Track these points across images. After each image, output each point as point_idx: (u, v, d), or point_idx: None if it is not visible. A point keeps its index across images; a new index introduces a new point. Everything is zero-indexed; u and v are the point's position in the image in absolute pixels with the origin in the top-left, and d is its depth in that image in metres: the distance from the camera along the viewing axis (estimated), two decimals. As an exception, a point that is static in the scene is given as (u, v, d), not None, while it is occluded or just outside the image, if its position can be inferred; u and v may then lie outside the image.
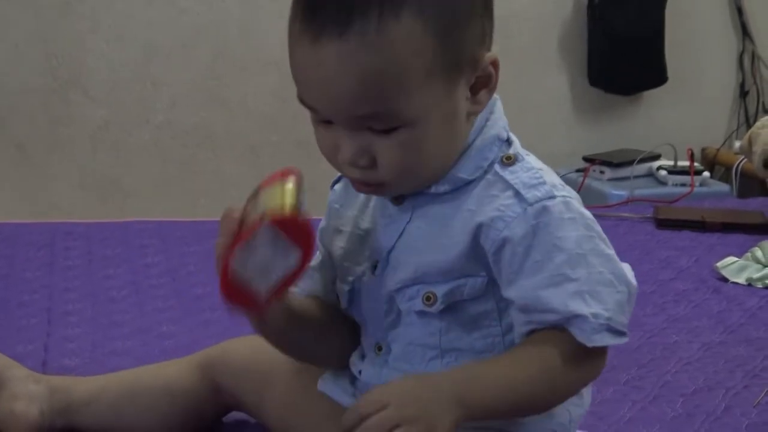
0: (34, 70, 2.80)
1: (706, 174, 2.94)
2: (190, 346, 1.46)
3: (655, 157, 2.97)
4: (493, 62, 0.96)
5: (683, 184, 2.83)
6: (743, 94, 3.28)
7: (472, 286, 0.97)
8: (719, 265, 1.96)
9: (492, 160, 0.99)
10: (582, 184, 2.82)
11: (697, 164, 2.92)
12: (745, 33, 3.24)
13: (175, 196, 2.93)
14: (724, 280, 1.92)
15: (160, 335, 1.62)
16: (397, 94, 0.90)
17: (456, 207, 0.98)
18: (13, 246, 2.05)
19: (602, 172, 2.93)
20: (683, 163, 2.88)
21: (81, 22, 2.81)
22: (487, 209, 0.96)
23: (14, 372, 1.25)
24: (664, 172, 2.89)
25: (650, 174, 2.94)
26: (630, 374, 1.47)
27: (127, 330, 1.64)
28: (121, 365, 1.40)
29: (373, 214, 1.04)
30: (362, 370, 1.06)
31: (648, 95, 3.23)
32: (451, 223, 0.97)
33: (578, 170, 2.95)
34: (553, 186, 0.96)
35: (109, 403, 1.24)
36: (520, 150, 1.00)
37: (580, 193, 2.69)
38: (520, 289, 0.94)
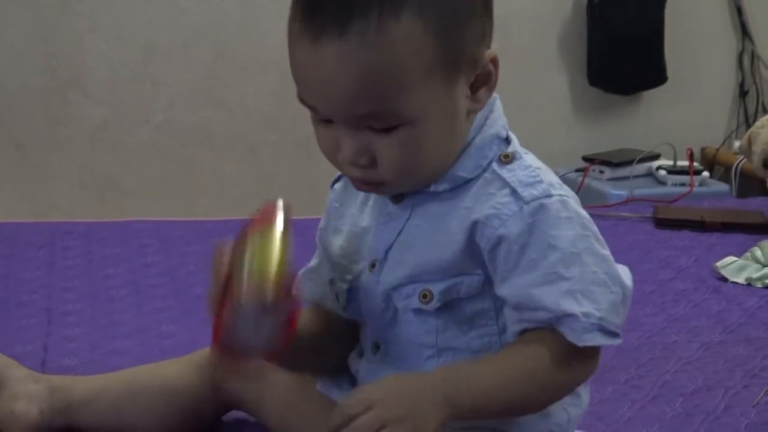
0: (33, 70, 2.80)
1: (706, 174, 2.93)
2: (190, 346, 1.46)
3: (655, 157, 2.97)
4: (493, 60, 0.96)
5: (683, 184, 2.82)
6: (743, 93, 3.28)
7: (469, 284, 0.97)
8: (719, 264, 1.95)
9: (491, 158, 0.99)
10: (581, 184, 2.82)
11: (696, 164, 2.92)
12: (744, 33, 3.24)
13: (175, 196, 2.92)
14: (724, 279, 1.91)
15: (159, 335, 1.61)
16: (397, 94, 0.90)
17: (454, 205, 0.98)
18: (13, 246, 2.05)
19: (602, 172, 2.92)
20: (683, 163, 2.88)
21: (80, 22, 2.81)
22: (484, 207, 0.96)
23: (14, 372, 1.25)
24: (663, 172, 2.89)
25: (650, 174, 2.94)
26: (629, 374, 1.47)
27: (127, 329, 1.64)
28: (121, 365, 1.40)
29: (372, 212, 1.04)
30: (359, 368, 1.06)
31: (647, 95, 3.22)
32: (449, 221, 0.97)
33: (578, 170, 2.95)
34: (550, 185, 0.96)
35: (109, 403, 1.24)
36: (519, 149, 1.00)
37: (579, 192, 2.69)
38: (513, 287, 0.94)
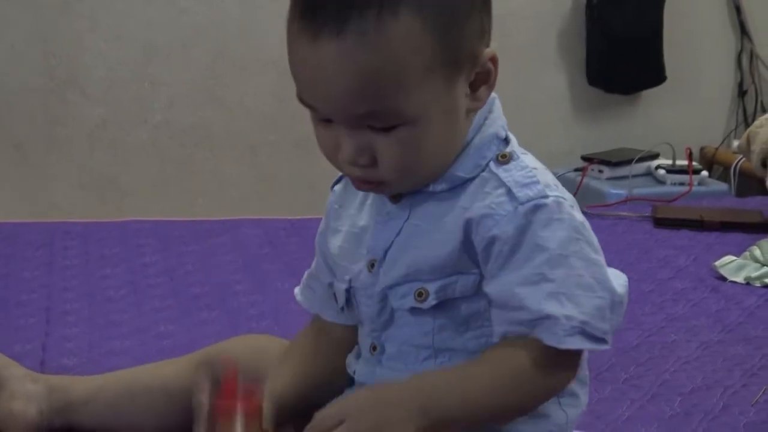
0: (33, 70, 2.80)
1: (705, 173, 2.93)
2: (188, 346, 1.46)
3: (654, 157, 2.97)
4: (492, 58, 0.96)
5: (682, 183, 2.82)
6: (742, 93, 3.28)
7: (464, 283, 0.97)
8: (718, 264, 1.96)
9: (490, 158, 0.98)
10: (580, 184, 2.82)
11: (695, 163, 2.92)
12: (743, 32, 3.24)
13: (173, 196, 2.92)
14: (723, 279, 1.92)
15: (157, 335, 1.61)
16: (397, 92, 0.90)
17: (452, 205, 0.98)
18: (12, 246, 2.05)
19: (601, 171, 2.92)
20: (682, 162, 2.88)
21: (79, 22, 2.80)
22: (479, 205, 0.96)
23: (12, 371, 1.25)
24: (662, 172, 2.89)
25: (649, 173, 2.94)
26: (628, 373, 1.47)
27: (125, 329, 1.64)
28: (119, 365, 1.40)
29: (371, 211, 1.04)
30: (357, 369, 1.06)
31: (646, 94, 3.22)
32: (447, 221, 0.97)
33: (577, 169, 2.94)
34: (546, 186, 0.95)
35: (108, 403, 1.24)
36: (517, 149, 1.00)
37: (578, 192, 2.70)
38: (499, 284, 0.94)
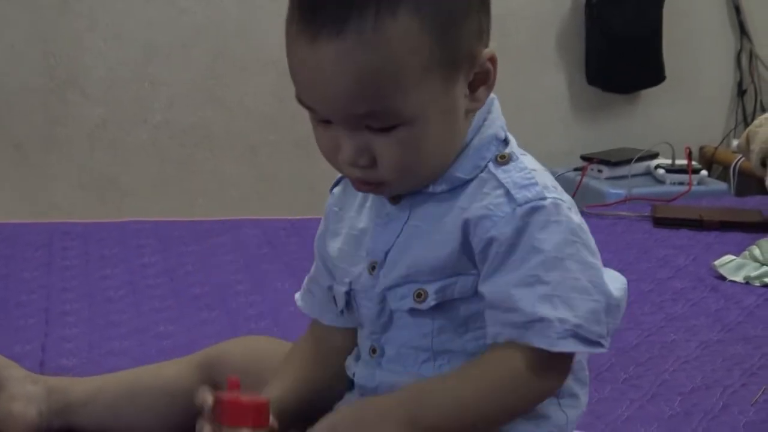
0: (32, 70, 2.80)
1: (704, 172, 2.93)
2: (188, 346, 1.46)
3: (653, 156, 2.97)
4: (491, 59, 0.96)
5: (681, 183, 2.82)
6: (741, 92, 3.27)
7: (463, 284, 0.97)
8: (717, 263, 1.96)
9: (489, 159, 0.98)
10: (580, 183, 2.82)
11: (695, 163, 2.92)
12: (742, 32, 3.24)
13: (173, 196, 2.92)
14: (722, 278, 1.92)
15: (157, 335, 1.61)
16: (395, 92, 0.90)
17: (452, 206, 0.98)
18: (11, 246, 2.05)
19: (600, 171, 2.92)
20: (681, 162, 2.88)
21: (79, 21, 2.80)
22: (477, 206, 0.96)
23: (12, 372, 1.25)
24: (662, 171, 2.88)
25: (648, 173, 2.94)
26: (628, 373, 1.47)
27: (125, 330, 1.64)
28: (119, 365, 1.40)
29: (370, 213, 1.04)
30: (356, 372, 1.05)
31: (646, 94, 3.22)
32: (445, 221, 0.97)
33: (576, 169, 2.94)
34: (545, 187, 0.95)
35: (107, 404, 1.24)
36: (517, 150, 1.00)
37: (577, 191, 2.70)
38: (494, 285, 0.94)
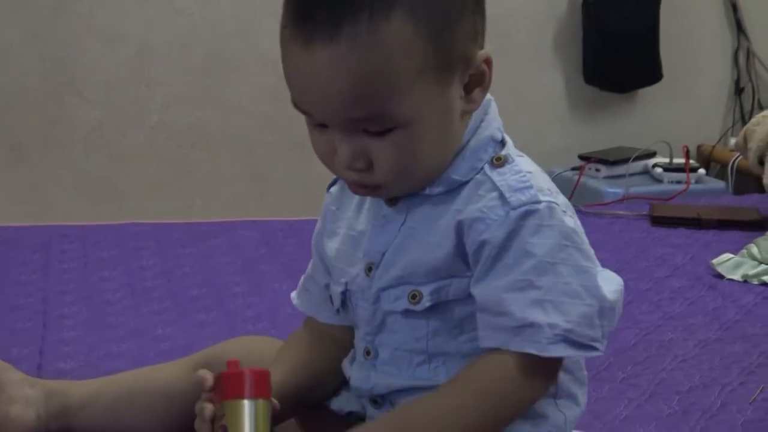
0: (29, 72, 2.79)
1: (702, 171, 2.93)
2: (186, 348, 1.46)
3: (651, 155, 2.97)
4: (486, 60, 0.96)
5: (679, 182, 2.83)
6: (738, 91, 3.28)
7: (458, 286, 0.97)
8: (715, 262, 1.96)
9: (485, 161, 0.98)
10: (577, 183, 2.82)
11: (692, 161, 2.92)
12: (740, 30, 3.24)
13: (170, 197, 2.92)
14: (720, 277, 1.92)
15: (155, 338, 1.61)
16: (390, 96, 0.90)
17: (447, 208, 0.98)
18: (8, 249, 2.04)
19: (598, 170, 2.92)
20: (679, 161, 2.88)
21: (76, 23, 2.80)
22: (471, 208, 0.96)
23: (9, 376, 1.25)
24: (659, 170, 2.89)
25: (646, 171, 2.94)
26: (626, 372, 1.47)
27: (123, 332, 1.64)
28: (117, 368, 1.40)
29: (368, 215, 1.04)
30: (351, 374, 1.05)
31: (643, 93, 3.22)
32: (440, 223, 0.97)
33: (574, 168, 2.94)
34: (540, 191, 0.95)
35: (106, 406, 1.24)
36: (513, 151, 1.00)
37: (575, 191, 2.70)
38: (485, 288, 0.94)
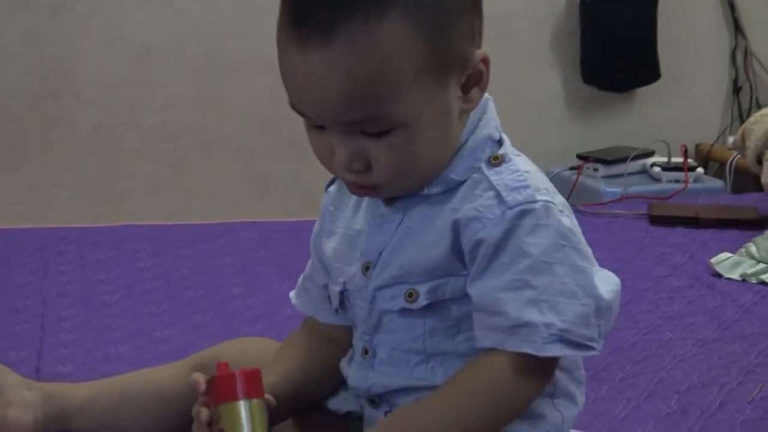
0: (27, 73, 2.79)
1: (700, 170, 2.93)
2: (184, 350, 1.46)
3: (649, 154, 2.97)
4: (484, 60, 0.95)
5: (677, 181, 2.83)
6: (736, 90, 3.27)
7: (454, 285, 0.97)
8: (713, 261, 1.96)
9: (483, 160, 0.98)
10: (576, 182, 2.82)
11: (690, 160, 2.92)
12: (737, 29, 3.24)
13: (168, 198, 2.92)
14: (719, 276, 1.91)
15: (153, 340, 1.61)
16: (388, 97, 0.90)
17: (443, 208, 0.97)
18: (6, 251, 2.04)
19: (596, 170, 2.92)
20: (677, 160, 2.88)
21: (74, 24, 2.80)
22: (468, 207, 0.95)
23: (7, 379, 1.25)
24: (657, 169, 2.89)
25: (644, 171, 2.94)
26: (624, 372, 1.47)
27: (121, 335, 1.63)
28: (115, 370, 1.40)
29: (366, 215, 1.04)
30: (349, 374, 1.05)
31: (641, 92, 3.22)
32: (437, 223, 0.97)
33: (572, 168, 2.94)
34: (537, 190, 0.95)
35: (104, 409, 1.24)
36: (510, 150, 1.00)
37: (573, 190, 2.70)
38: (482, 287, 0.94)
